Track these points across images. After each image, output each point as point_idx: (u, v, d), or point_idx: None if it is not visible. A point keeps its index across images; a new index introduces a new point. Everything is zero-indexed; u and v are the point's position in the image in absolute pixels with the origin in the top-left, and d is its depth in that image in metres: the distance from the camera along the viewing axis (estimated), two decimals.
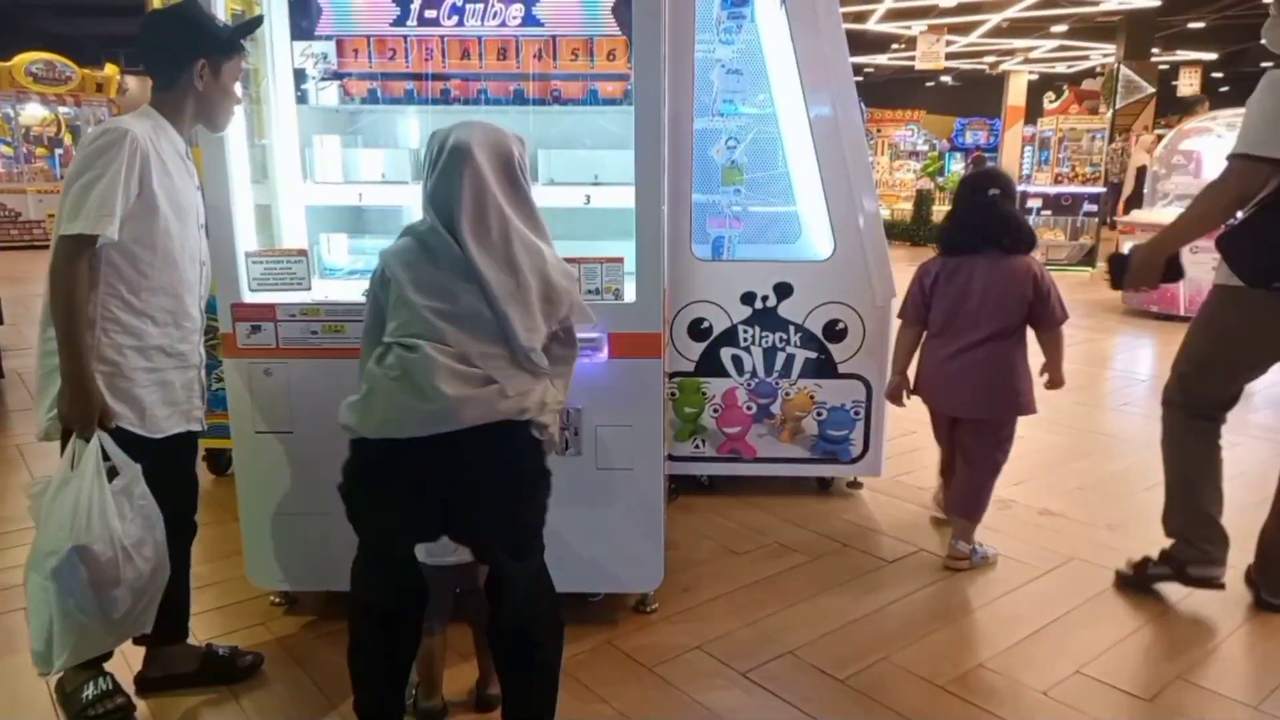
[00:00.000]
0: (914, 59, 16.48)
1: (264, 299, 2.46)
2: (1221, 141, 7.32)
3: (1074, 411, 4.96)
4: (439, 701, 2.22)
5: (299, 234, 2.78)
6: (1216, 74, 21.73)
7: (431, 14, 2.60)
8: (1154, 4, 14.14)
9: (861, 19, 14.86)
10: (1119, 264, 2.82)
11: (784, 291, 3.45)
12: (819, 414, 3.57)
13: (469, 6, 2.59)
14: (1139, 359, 6.85)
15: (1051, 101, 14.29)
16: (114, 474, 2.01)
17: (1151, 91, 15.67)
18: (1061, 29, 17.00)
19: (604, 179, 2.69)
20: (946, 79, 24.96)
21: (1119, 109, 14.98)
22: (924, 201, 13.74)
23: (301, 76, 2.69)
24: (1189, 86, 17.43)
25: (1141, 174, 11.13)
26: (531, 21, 2.59)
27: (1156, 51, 17.30)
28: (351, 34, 2.64)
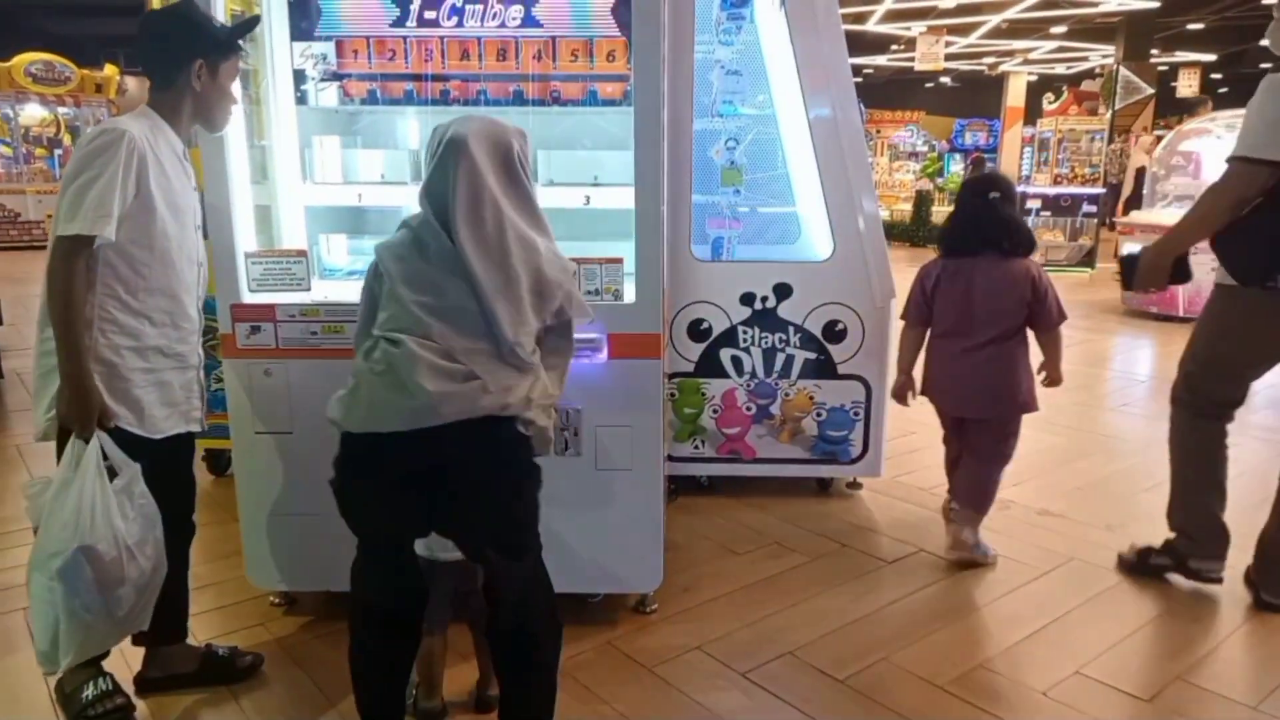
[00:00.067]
0: (913, 60, 16.49)
1: (263, 299, 2.47)
2: (1221, 143, 7.32)
3: (1073, 412, 4.96)
4: (439, 702, 2.22)
5: (298, 235, 2.78)
6: (1215, 75, 21.75)
7: (431, 15, 2.60)
8: (1153, 5, 14.16)
9: (861, 20, 14.87)
10: (1129, 265, 2.86)
11: (783, 292, 3.45)
12: (818, 414, 3.58)
13: (468, 7, 2.59)
14: (1138, 359, 6.86)
15: (1051, 102, 14.32)
16: (113, 474, 2.01)
17: (1151, 93, 15.70)
18: (1061, 30, 17.03)
19: (603, 180, 2.70)
20: (946, 80, 24.99)
21: (1118, 110, 15.00)
22: (923, 202, 13.73)
23: (301, 77, 2.69)
24: (1188, 88, 17.45)
25: (1141, 175, 11.14)
26: (531, 22, 2.59)
27: (1156, 53, 17.32)
28: (351, 35, 2.64)
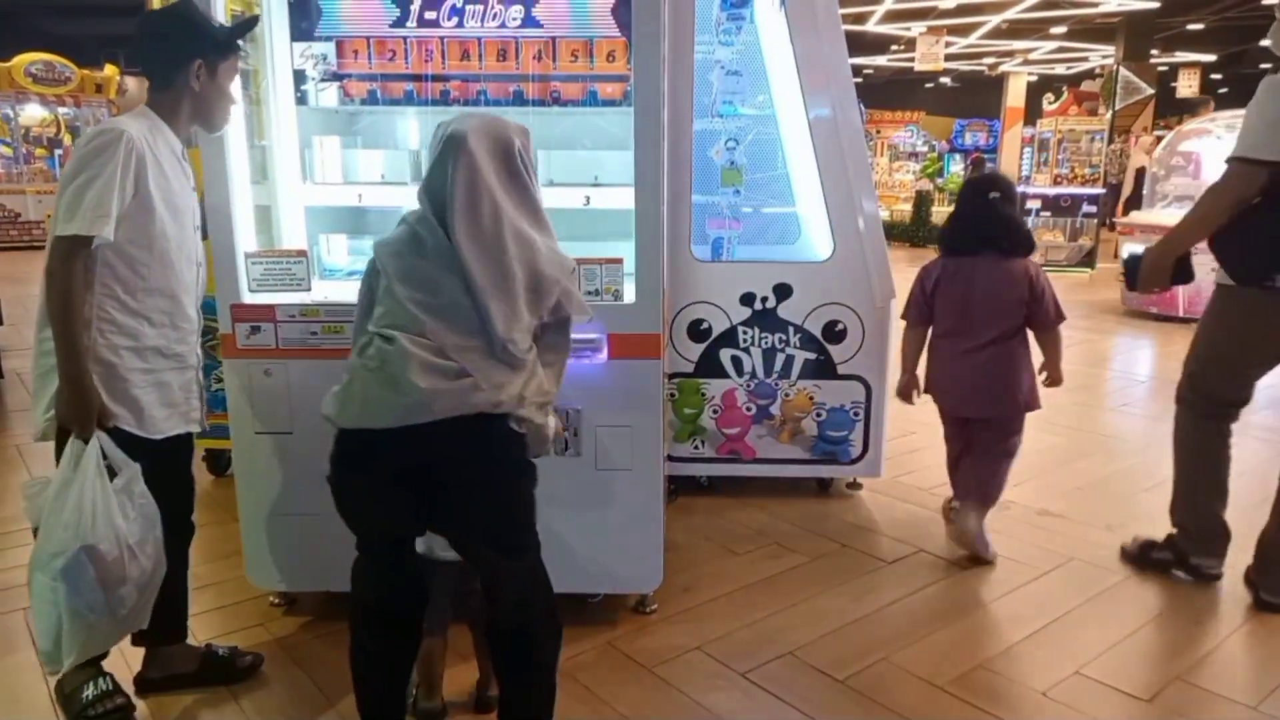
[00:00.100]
0: (913, 60, 16.50)
1: (263, 300, 2.47)
2: (1221, 143, 7.31)
3: (1073, 412, 4.96)
4: (439, 702, 2.22)
5: (299, 235, 2.78)
6: (1215, 75, 21.76)
7: (431, 15, 2.60)
8: (1153, 5, 14.16)
9: (861, 20, 14.87)
10: (1133, 266, 2.88)
11: (783, 292, 3.45)
12: (818, 415, 3.58)
13: (469, 8, 2.59)
14: (1138, 360, 6.84)
15: (1051, 103, 14.31)
16: (113, 473, 2.01)
17: (1150, 93, 15.70)
18: (1061, 31, 17.02)
19: (603, 180, 2.70)
20: (946, 80, 24.99)
21: (1118, 110, 15.00)
22: (923, 203, 13.74)
23: (301, 77, 2.69)
24: (1188, 88, 17.45)
25: (1140, 175, 11.14)
26: (531, 23, 2.59)
27: (1155, 53, 17.32)
28: (351, 35, 2.64)
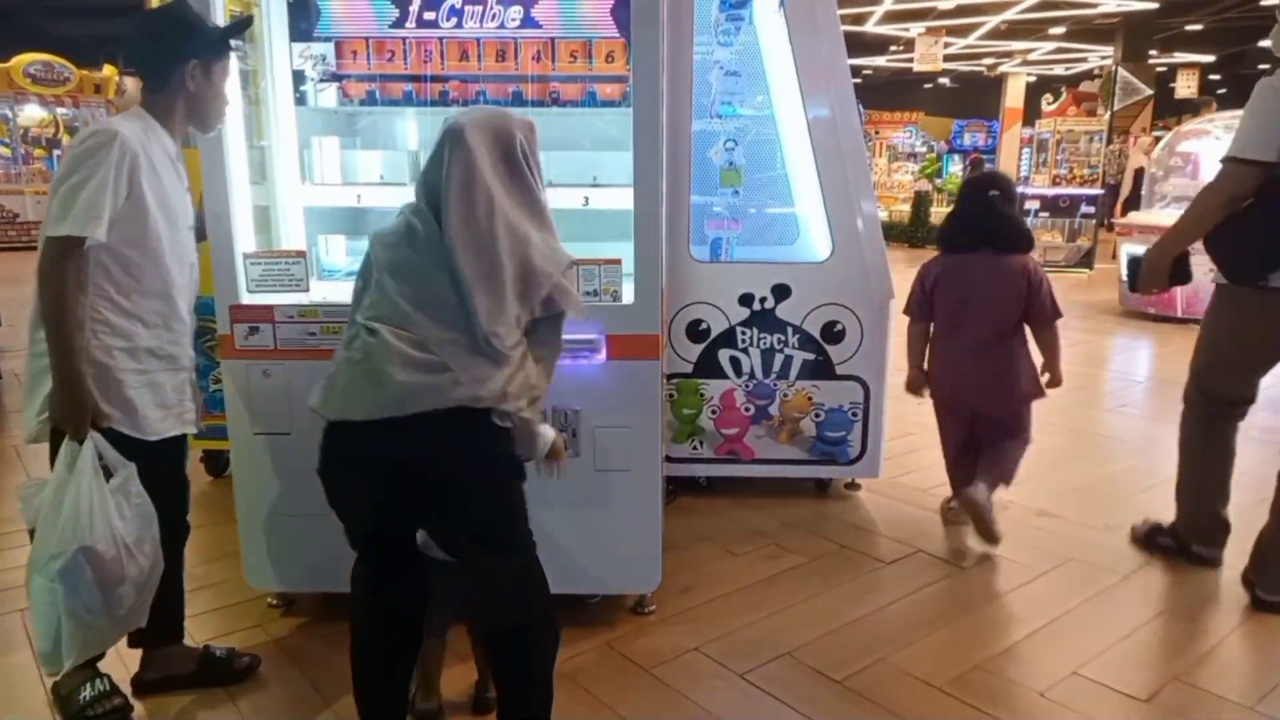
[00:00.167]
0: (912, 61, 16.51)
1: (262, 300, 2.47)
2: (1219, 144, 7.31)
3: (1072, 413, 4.96)
4: (436, 703, 2.22)
5: (297, 235, 2.78)
6: (1214, 76, 21.77)
7: (430, 16, 2.60)
8: (1152, 6, 14.17)
9: (860, 21, 14.89)
10: (1134, 267, 2.93)
11: (782, 293, 3.45)
12: (817, 415, 3.58)
13: (468, 8, 2.59)
14: (1136, 360, 6.85)
15: (1049, 103, 14.34)
16: (108, 473, 2.01)
17: (1149, 93, 15.72)
18: (1059, 31, 17.03)
19: (602, 180, 2.70)
20: (944, 81, 25.01)
21: (1116, 111, 15.03)
22: (922, 203, 13.75)
23: (300, 78, 2.69)
24: (1187, 89, 17.47)
25: (1139, 176, 11.15)
26: (530, 23, 2.60)
27: (1154, 54, 17.33)
28: (350, 35, 2.64)
